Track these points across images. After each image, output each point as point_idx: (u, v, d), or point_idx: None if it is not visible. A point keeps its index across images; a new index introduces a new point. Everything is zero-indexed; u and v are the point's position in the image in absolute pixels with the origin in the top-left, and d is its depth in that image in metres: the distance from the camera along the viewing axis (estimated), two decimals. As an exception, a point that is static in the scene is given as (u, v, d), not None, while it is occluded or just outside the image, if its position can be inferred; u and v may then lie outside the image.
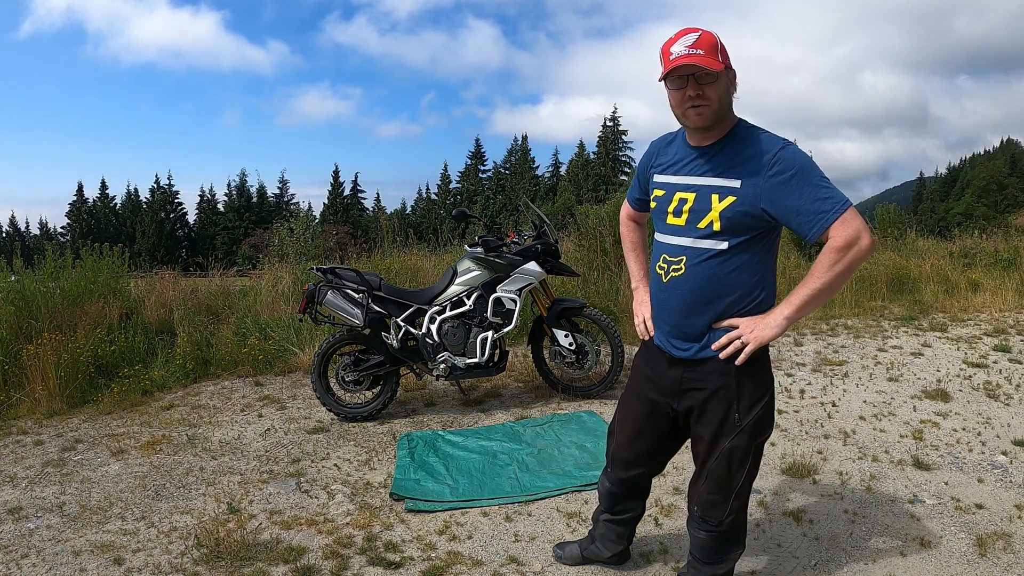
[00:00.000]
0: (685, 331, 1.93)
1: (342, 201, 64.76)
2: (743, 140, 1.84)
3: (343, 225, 26.52)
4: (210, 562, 2.53)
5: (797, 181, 1.75)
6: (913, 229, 11.88)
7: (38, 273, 5.60)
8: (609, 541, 2.41)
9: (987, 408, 4.10)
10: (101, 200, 63.00)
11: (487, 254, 4.14)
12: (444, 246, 8.49)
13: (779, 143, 1.80)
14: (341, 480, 3.30)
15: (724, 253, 1.84)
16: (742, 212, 1.80)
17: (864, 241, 1.73)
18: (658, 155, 2.05)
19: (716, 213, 1.82)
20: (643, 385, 2.11)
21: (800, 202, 1.75)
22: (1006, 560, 2.46)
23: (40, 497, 3.17)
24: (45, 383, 4.50)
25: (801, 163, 1.77)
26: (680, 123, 1.91)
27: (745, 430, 1.92)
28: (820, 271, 1.78)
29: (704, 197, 1.85)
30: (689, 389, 1.96)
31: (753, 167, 1.79)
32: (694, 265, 1.87)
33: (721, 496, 1.99)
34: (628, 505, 2.35)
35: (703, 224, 1.84)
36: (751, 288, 1.87)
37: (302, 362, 5.25)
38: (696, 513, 2.06)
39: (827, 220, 1.74)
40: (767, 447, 3.55)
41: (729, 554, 2.09)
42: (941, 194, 70.57)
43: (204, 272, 9.27)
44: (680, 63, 1.74)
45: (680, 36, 1.78)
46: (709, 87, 1.77)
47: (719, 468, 1.96)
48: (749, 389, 1.91)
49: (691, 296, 1.89)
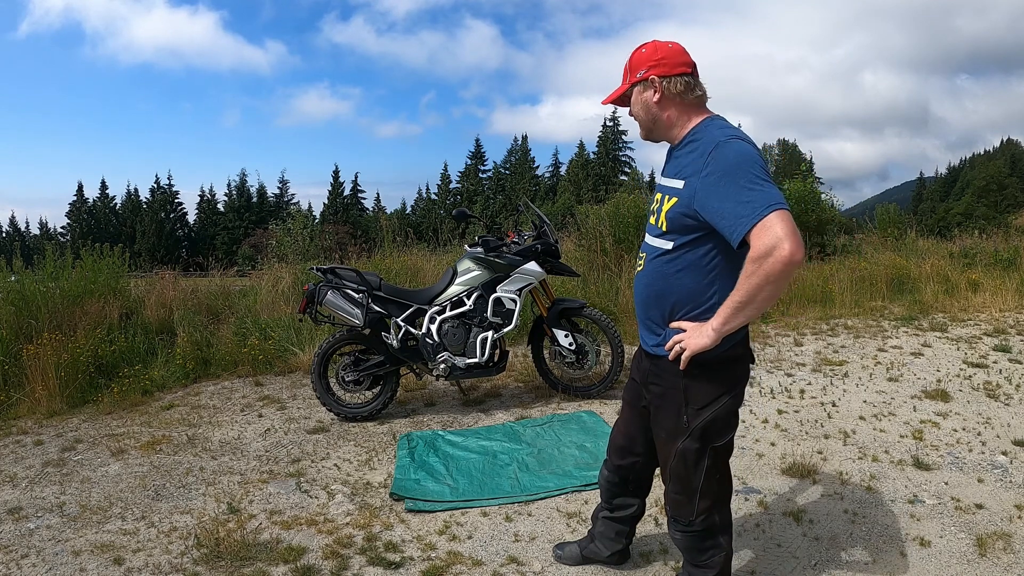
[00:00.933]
0: (647, 325, 2.01)
1: (342, 201, 64.79)
2: (691, 142, 1.87)
3: (343, 225, 26.52)
4: (210, 562, 2.53)
5: (724, 181, 1.69)
6: (913, 229, 11.89)
7: (38, 273, 5.60)
8: (608, 539, 2.42)
9: (987, 408, 4.10)
10: (101, 200, 63.02)
11: (487, 254, 4.14)
12: (444, 246, 8.51)
13: (715, 141, 1.76)
14: (341, 480, 3.30)
15: (669, 253, 1.88)
16: (680, 213, 1.82)
17: (782, 251, 1.59)
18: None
19: (663, 214, 1.89)
20: (633, 373, 2.21)
21: (724, 204, 1.69)
22: (1006, 560, 2.46)
23: (40, 497, 3.17)
24: (45, 383, 4.50)
25: (731, 162, 1.70)
26: None
27: (695, 433, 1.91)
28: (739, 282, 1.71)
29: (662, 198, 1.93)
30: (652, 382, 2.02)
31: (693, 168, 1.80)
32: (649, 262, 1.96)
33: (685, 496, 2.00)
34: (627, 500, 2.35)
35: (658, 223, 1.92)
36: (700, 290, 1.85)
37: (302, 362, 5.25)
38: (668, 514, 2.10)
39: (745, 225, 1.64)
40: (767, 447, 3.55)
41: (710, 556, 2.05)
42: (941, 194, 70.60)
43: (204, 272, 9.28)
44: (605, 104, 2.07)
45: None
46: (631, 109, 1.99)
47: (677, 469, 1.98)
48: (699, 392, 1.90)
49: (644, 291, 1.98)
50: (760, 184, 1.67)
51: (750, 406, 4.22)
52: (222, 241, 56.53)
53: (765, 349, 5.62)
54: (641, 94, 1.93)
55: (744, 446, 3.60)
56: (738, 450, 3.54)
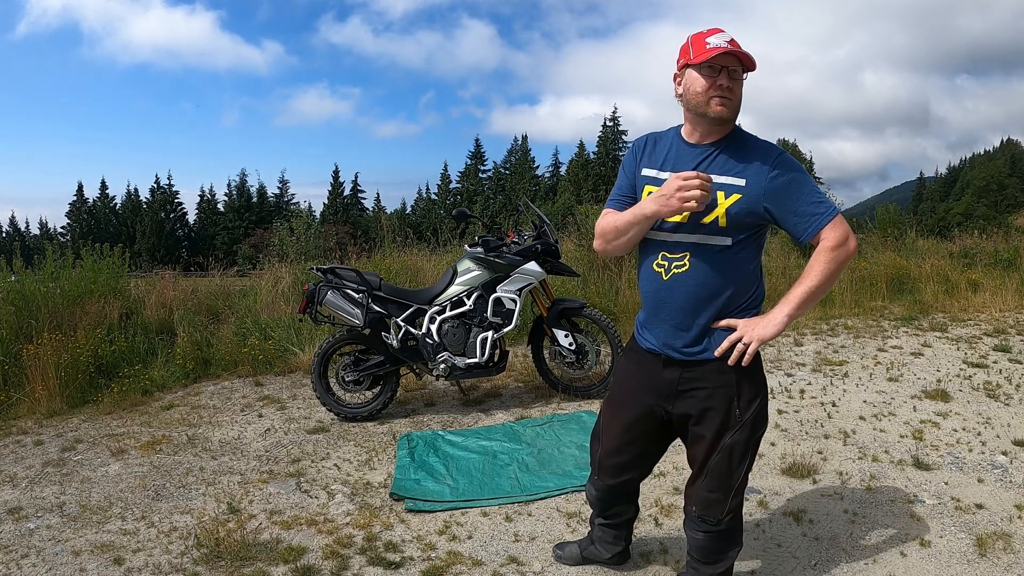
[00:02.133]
0: (687, 329, 1.93)
1: (342, 201, 64.77)
2: (743, 142, 1.91)
3: (343, 225, 26.49)
4: (210, 562, 2.53)
5: (796, 185, 1.86)
6: (913, 229, 11.87)
7: (38, 273, 5.59)
8: (606, 543, 2.42)
9: (987, 408, 4.10)
10: (101, 200, 63.00)
11: (487, 254, 4.14)
12: (444, 246, 8.49)
13: (777, 148, 1.90)
14: (341, 480, 3.30)
15: (729, 248, 1.88)
16: (746, 210, 1.85)
17: (852, 243, 1.88)
18: (647, 153, 2.02)
19: (723, 210, 1.85)
20: (633, 389, 2.10)
21: (798, 205, 1.86)
22: (1006, 560, 2.46)
23: (40, 497, 3.17)
24: (45, 383, 4.50)
25: (798, 169, 1.89)
26: (695, 113, 1.88)
27: (746, 425, 1.95)
28: (816, 270, 1.89)
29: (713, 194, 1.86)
30: (688, 390, 1.96)
31: (756, 168, 1.86)
32: (700, 261, 1.89)
33: (721, 494, 1.99)
34: (619, 508, 2.36)
35: (708, 220, 1.86)
36: (750, 283, 1.95)
37: (302, 362, 5.25)
38: (695, 513, 2.05)
39: (821, 222, 1.86)
40: (767, 447, 3.55)
41: (728, 553, 2.09)
42: (941, 194, 70.61)
43: (204, 272, 9.27)
44: (723, 51, 1.78)
45: (714, 32, 1.85)
46: (738, 83, 1.84)
47: (720, 465, 1.97)
48: (748, 385, 1.95)
49: (696, 291, 1.90)
50: (821, 191, 1.91)
51: (750, 406, 4.22)
52: (222, 241, 56.50)
53: (765, 349, 5.62)
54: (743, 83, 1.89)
55: (744, 446, 3.59)
56: (738, 450, 3.54)
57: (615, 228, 1.98)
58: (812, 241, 1.89)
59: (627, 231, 1.95)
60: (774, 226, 1.93)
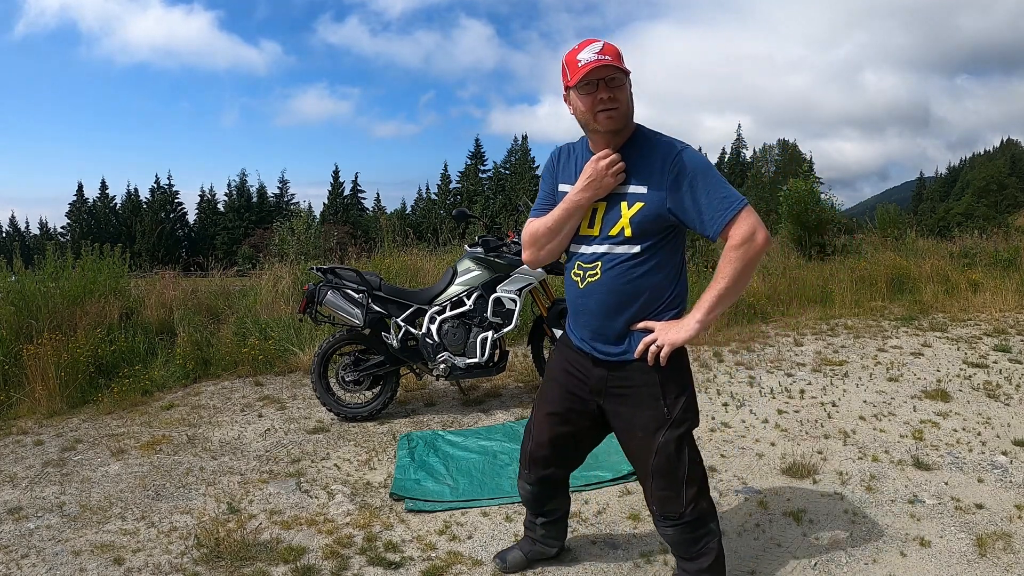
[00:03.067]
0: (605, 334, 2.00)
1: (342, 201, 64.78)
2: (643, 146, 1.93)
3: (343, 225, 26.47)
4: (210, 562, 2.53)
5: (699, 182, 1.86)
6: (913, 229, 11.88)
7: (38, 273, 5.60)
8: (551, 538, 2.46)
9: (987, 408, 4.10)
10: (101, 200, 62.99)
11: (487, 254, 4.14)
12: (444, 246, 8.49)
13: (677, 147, 1.90)
14: (341, 480, 3.30)
15: (636, 256, 1.92)
16: (650, 216, 1.89)
17: (759, 237, 1.84)
18: (562, 168, 2.07)
19: (626, 219, 1.91)
20: (565, 383, 2.15)
21: (701, 202, 1.86)
22: (1006, 560, 2.46)
23: (40, 497, 3.17)
24: (45, 383, 4.50)
25: (699, 165, 1.88)
26: (588, 130, 1.95)
27: (676, 421, 2.00)
28: (723, 271, 1.89)
29: (613, 205, 1.93)
30: (615, 387, 2.03)
31: (657, 172, 1.88)
32: (609, 270, 1.95)
33: (671, 490, 2.02)
34: (555, 504, 2.40)
35: (615, 231, 1.93)
36: (663, 288, 1.97)
37: (302, 362, 5.25)
38: (656, 512, 2.09)
39: (725, 218, 1.85)
40: (767, 447, 3.56)
41: (706, 544, 2.09)
42: (941, 194, 70.63)
43: (204, 272, 9.27)
44: (594, 67, 1.80)
45: (585, 46, 1.86)
46: (619, 90, 1.85)
47: (661, 465, 2.01)
48: (673, 382, 2.00)
49: (608, 299, 1.96)
50: (726, 184, 1.89)
51: (750, 406, 4.23)
52: (222, 241, 56.47)
53: (765, 349, 5.62)
54: (629, 87, 1.91)
55: (744, 446, 3.60)
56: (738, 450, 3.54)
57: (547, 229, 2.02)
58: (722, 237, 1.88)
59: (560, 228, 2.00)
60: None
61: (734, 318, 6.68)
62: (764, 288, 7.53)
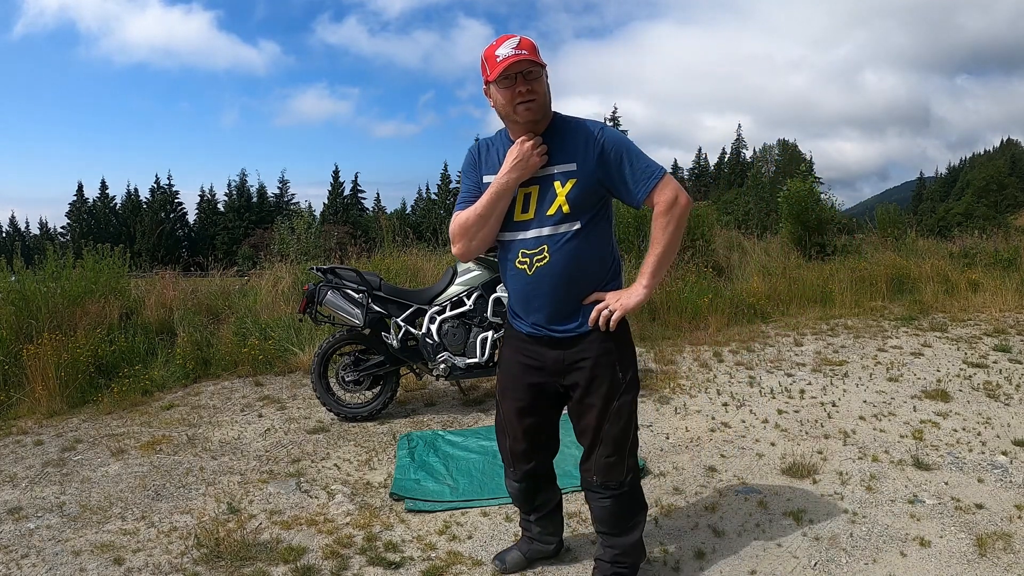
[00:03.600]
0: (561, 312, 2.07)
1: (342, 201, 64.76)
2: (564, 128, 2.04)
3: (343, 225, 26.46)
4: (210, 562, 2.53)
5: (623, 154, 1.99)
6: (913, 229, 11.89)
7: (38, 273, 5.60)
8: (548, 534, 2.48)
9: (987, 408, 4.10)
10: (101, 200, 62.98)
11: (487, 254, 4.14)
12: (444, 246, 8.50)
13: (598, 125, 2.04)
14: (341, 480, 3.30)
15: (581, 231, 2.01)
16: (585, 191, 1.99)
17: (682, 199, 2.00)
18: (484, 160, 2.13)
19: (562, 197, 1.99)
20: (522, 374, 2.19)
21: (625, 173, 1.99)
22: (1006, 560, 2.46)
23: (40, 497, 3.17)
24: (45, 383, 4.50)
25: (620, 139, 2.03)
26: (508, 121, 2.03)
27: (629, 386, 2.13)
28: (657, 237, 2.03)
29: (546, 187, 2.01)
30: (574, 362, 2.10)
31: (583, 148, 2.00)
32: (557, 251, 2.01)
33: (617, 456, 2.14)
34: (545, 496, 2.43)
35: (552, 211, 2.00)
36: (605, 259, 2.09)
37: (302, 362, 5.25)
38: (597, 483, 2.17)
39: (648, 186, 1.99)
40: (767, 447, 3.56)
41: (636, 517, 2.23)
42: (941, 194, 70.63)
43: (204, 272, 9.26)
44: (512, 61, 1.89)
45: (502, 41, 1.94)
46: (536, 83, 1.94)
47: (613, 429, 2.12)
48: (624, 350, 2.12)
49: (560, 280, 2.03)
50: (646, 156, 2.02)
51: (750, 406, 4.23)
52: (222, 241, 56.44)
53: (765, 349, 5.62)
54: (546, 79, 2.00)
55: (744, 446, 3.60)
56: (738, 450, 3.54)
57: (477, 216, 2.04)
58: (646, 205, 2.02)
59: (490, 213, 2.03)
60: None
61: (734, 318, 6.68)
62: (764, 288, 7.53)
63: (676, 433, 3.81)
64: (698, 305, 6.60)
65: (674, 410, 4.19)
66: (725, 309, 6.70)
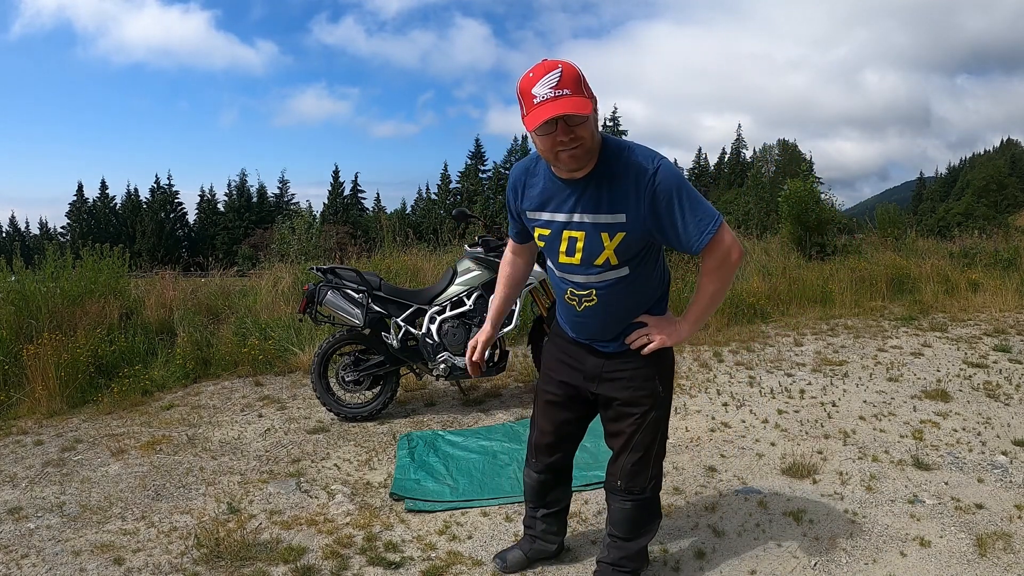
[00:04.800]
0: (605, 340, 2.10)
1: (342, 201, 64.77)
2: (614, 166, 1.82)
3: (343, 225, 26.49)
4: (210, 562, 2.53)
5: (676, 202, 1.82)
6: (913, 229, 11.90)
7: (38, 273, 5.59)
8: (551, 534, 2.48)
9: (987, 408, 4.10)
10: (101, 200, 62.99)
11: (487, 254, 4.14)
12: (444, 246, 8.49)
13: (650, 165, 1.80)
14: (341, 480, 3.30)
15: (627, 278, 1.97)
16: (634, 242, 1.90)
17: (733, 256, 1.91)
18: (524, 189, 2.00)
19: (610, 251, 1.89)
20: (561, 373, 2.22)
21: (678, 223, 1.84)
22: (1006, 560, 2.46)
23: (40, 497, 3.17)
24: (45, 383, 4.49)
25: (674, 183, 1.81)
26: (552, 163, 1.84)
27: (666, 401, 2.15)
28: (705, 287, 1.98)
29: (593, 236, 1.88)
30: (612, 373, 2.10)
31: (632, 197, 1.81)
32: (604, 294, 1.99)
33: (643, 463, 2.15)
34: (558, 493, 2.43)
35: (600, 262, 1.92)
36: (651, 293, 2.06)
37: (302, 362, 5.25)
38: (621, 487, 2.19)
39: (703, 240, 1.85)
40: (767, 447, 3.56)
41: (651, 524, 2.27)
42: (941, 194, 70.62)
43: (204, 272, 9.27)
44: (549, 114, 1.64)
45: (541, 75, 1.67)
46: (580, 127, 1.70)
47: (645, 438, 2.13)
48: (667, 365, 2.14)
49: (610, 317, 2.04)
50: (702, 200, 1.87)
51: (750, 406, 4.23)
52: (222, 241, 56.45)
53: (765, 349, 5.62)
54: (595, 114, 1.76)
55: (744, 446, 3.60)
56: (738, 450, 3.54)
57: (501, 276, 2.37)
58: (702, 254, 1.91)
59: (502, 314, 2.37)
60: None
61: (734, 318, 6.68)
62: (764, 288, 7.53)
63: (676, 433, 3.81)
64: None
65: (674, 410, 4.18)
66: (725, 309, 6.70)
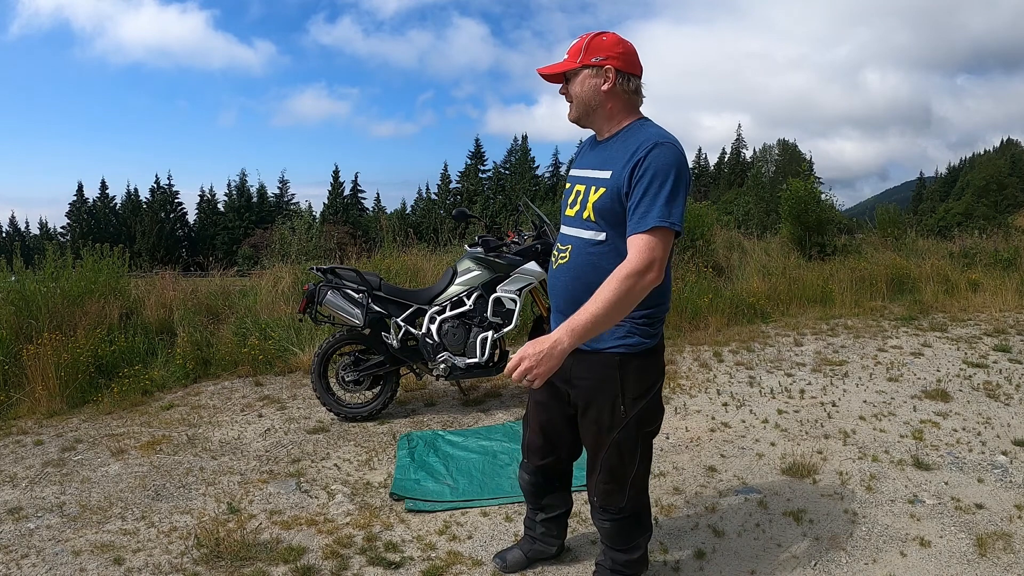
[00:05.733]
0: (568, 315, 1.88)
1: (342, 201, 64.74)
2: (632, 135, 1.92)
3: (343, 225, 26.49)
4: (210, 562, 2.53)
5: (649, 179, 1.77)
6: (913, 229, 11.90)
7: (38, 273, 5.59)
8: (552, 536, 2.47)
9: (987, 408, 4.10)
10: (101, 200, 62.97)
11: (487, 254, 4.14)
12: (444, 246, 8.50)
13: (653, 141, 1.82)
14: (341, 480, 3.30)
15: (601, 244, 1.91)
16: (608, 203, 1.88)
17: (649, 276, 1.73)
18: (578, 155, 2.17)
19: (590, 205, 1.92)
20: None
21: (639, 198, 1.79)
22: (1006, 560, 2.46)
23: (40, 497, 3.17)
24: (45, 383, 4.49)
25: (662, 165, 1.78)
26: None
27: (631, 423, 1.99)
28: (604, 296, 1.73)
29: (587, 189, 1.96)
30: (577, 378, 2.02)
31: (622, 158, 1.87)
32: (576, 254, 1.96)
33: (616, 484, 2.06)
34: (555, 498, 2.40)
35: (585, 215, 1.94)
36: None
37: (302, 362, 5.25)
38: (596, 503, 2.12)
39: (637, 227, 1.77)
40: (767, 447, 3.56)
41: (637, 539, 2.17)
42: (941, 194, 70.57)
43: (204, 272, 9.27)
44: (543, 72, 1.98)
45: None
46: (571, 85, 1.95)
47: (611, 459, 2.03)
48: (633, 383, 1.96)
49: (572, 283, 1.96)
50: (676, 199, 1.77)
51: (750, 406, 4.23)
52: (222, 241, 56.46)
53: (765, 349, 5.62)
54: (591, 78, 1.91)
55: (744, 446, 3.60)
56: (738, 450, 3.54)
57: None
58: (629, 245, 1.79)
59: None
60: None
61: (734, 318, 6.68)
62: (764, 288, 7.53)
63: (676, 433, 3.81)
64: (698, 305, 6.60)
65: (674, 410, 4.18)
66: (725, 309, 6.71)
